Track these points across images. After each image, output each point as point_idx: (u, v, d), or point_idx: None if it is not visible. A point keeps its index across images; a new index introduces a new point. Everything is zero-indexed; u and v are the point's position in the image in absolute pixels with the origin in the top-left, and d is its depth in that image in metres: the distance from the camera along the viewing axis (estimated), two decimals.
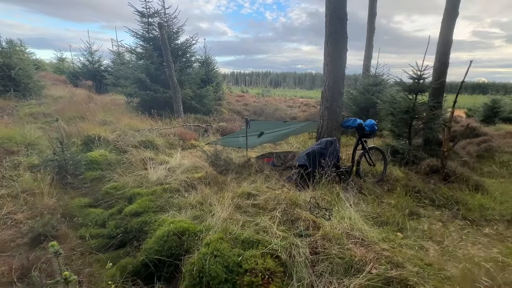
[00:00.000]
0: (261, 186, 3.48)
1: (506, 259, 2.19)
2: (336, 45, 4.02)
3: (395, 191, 4.01)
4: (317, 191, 3.31)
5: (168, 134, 5.59)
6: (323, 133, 4.39)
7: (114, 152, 4.63)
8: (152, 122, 6.46)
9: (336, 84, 4.15)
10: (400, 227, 2.89)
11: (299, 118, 10.04)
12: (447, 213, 3.58)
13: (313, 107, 17.97)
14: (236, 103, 15.05)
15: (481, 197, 3.88)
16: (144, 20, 8.22)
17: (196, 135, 6.03)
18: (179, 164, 4.21)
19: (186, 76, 8.77)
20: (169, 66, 7.17)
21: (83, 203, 3.18)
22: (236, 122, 7.42)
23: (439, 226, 3.06)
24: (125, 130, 5.46)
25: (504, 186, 4.59)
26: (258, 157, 4.96)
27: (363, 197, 3.60)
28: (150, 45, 7.91)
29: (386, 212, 3.11)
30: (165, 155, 4.70)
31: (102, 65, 15.70)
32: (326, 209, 2.95)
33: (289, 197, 3.03)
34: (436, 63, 5.42)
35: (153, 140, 5.04)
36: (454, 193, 4.00)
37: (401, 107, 5.21)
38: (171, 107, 8.17)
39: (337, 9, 3.90)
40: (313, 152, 3.66)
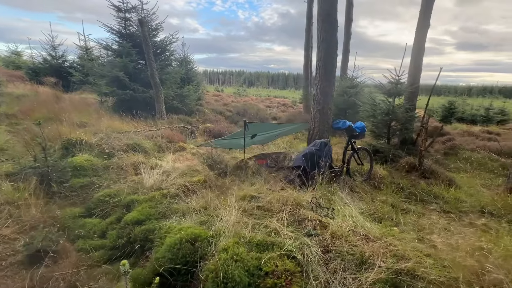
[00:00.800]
0: (262, 188, 3.53)
1: (490, 246, 2.50)
2: (328, 50, 4.20)
3: (382, 188, 4.33)
4: (317, 191, 3.44)
5: (155, 137, 5.37)
6: (315, 134, 4.56)
7: (99, 157, 4.34)
8: (135, 124, 6.15)
9: (327, 88, 4.33)
10: (395, 222, 3.13)
11: (280, 118, 10.24)
12: (428, 207, 3.95)
13: (291, 107, 18.42)
14: (215, 102, 14.86)
15: (455, 191, 4.33)
16: (120, 15, 7.77)
17: (184, 137, 5.87)
18: (173, 168, 4.09)
19: (166, 75, 8.47)
20: (150, 64, 6.87)
21: (76, 213, 2.96)
22: (222, 123, 7.36)
23: (426, 219, 3.37)
24: (107, 132, 5.14)
25: (469, 180, 5.16)
26: (251, 158, 4.99)
27: (356, 195, 3.82)
28: (128, 41, 7.49)
29: (380, 209, 3.35)
30: (155, 158, 4.52)
31: (67, 61, 14.49)
32: (327, 208, 3.09)
33: (294, 198, 3.12)
34: (411, 69, 5.90)
35: (140, 143, 4.82)
36: (432, 188, 4.43)
37: (382, 109, 5.59)
38: (152, 108, 7.85)
39: (330, 16, 4.08)
40: (310, 153, 3.80)
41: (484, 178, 5.41)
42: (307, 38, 10.48)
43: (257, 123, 4.67)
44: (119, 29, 7.86)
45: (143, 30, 6.58)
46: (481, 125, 15.48)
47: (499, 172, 5.78)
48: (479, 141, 9.15)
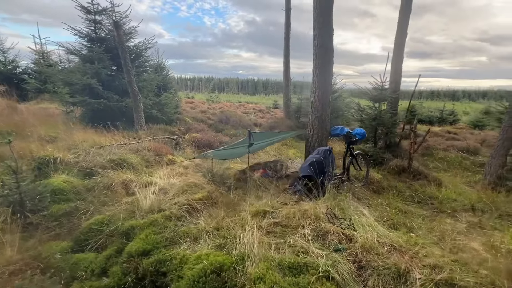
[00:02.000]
0: (272, 202, 3.34)
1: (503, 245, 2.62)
2: (325, 57, 4.20)
3: (382, 193, 4.41)
4: (327, 201, 3.35)
5: (140, 150, 4.89)
6: (314, 142, 4.51)
7: (79, 177, 3.79)
8: (114, 136, 5.56)
9: (325, 95, 4.33)
10: (408, 228, 3.15)
11: (263, 125, 10.16)
12: (426, 208, 4.10)
13: (267, 113, 18.49)
14: (191, 110, 14.31)
15: (445, 191, 4.57)
16: (90, 18, 7.08)
17: (171, 149, 5.45)
18: (169, 185, 3.72)
19: (142, 82, 7.89)
20: (128, 71, 6.33)
21: (63, 248, 2.47)
22: (208, 132, 7.02)
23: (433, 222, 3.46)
24: (84, 147, 4.55)
25: (451, 179, 5.53)
26: (249, 168, 4.77)
27: (363, 201, 3.82)
28: (100, 46, 6.84)
29: (391, 215, 3.36)
30: (146, 174, 4.08)
31: (19, 67, 12.90)
32: (344, 219, 3.01)
33: (309, 211, 2.99)
34: (392, 76, 6.23)
35: (126, 158, 4.33)
36: (425, 189, 4.63)
37: (369, 114, 5.77)
38: (129, 118, 7.22)
39: (326, 24, 4.09)
40: (316, 162, 3.71)
41: (462, 176, 5.85)
42: (286, 45, 10.62)
43: (259, 132, 4.49)
44: (89, 32, 7.15)
45: (119, 34, 6.05)
46: (437, 125, 17.09)
47: (472, 169, 6.31)
48: (445, 140, 10.01)
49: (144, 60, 8.72)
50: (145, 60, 8.80)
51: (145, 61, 8.75)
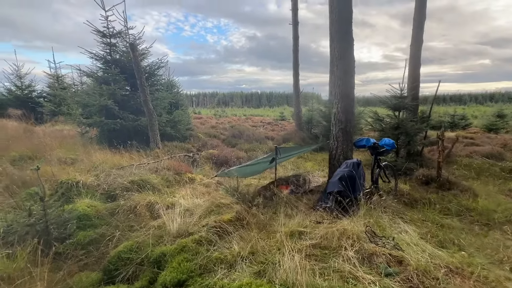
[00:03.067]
0: (305, 221, 3.16)
1: None
2: (347, 68, 4.12)
3: (415, 206, 4.17)
4: (365, 218, 3.14)
5: (160, 169, 4.80)
6: (338, 154, 4.35)
7: (101, 200, 3.70)
8: (132, 156, 5.51)
9: (348, 106, 4.21)
10: (457, 245, 2.91)
11: (276, 138, 10.05)
12: (465, 221, 3.83)
13: (276, 125, 18.45)
14: (201, 125, 14.37)
15: (483, 202, 4.29)
16: (105, 41, 7.26)
17: (190, 167, 5.35)
18: (194, 205, 3.58)
19: (156, 100, 7.95)
20: (143, 90, 6.38)
21: (93, 280, 2.33)
22: (223, 147, 6.92)
23: (474, 236, 3.21)
24: (104, 169, 4.48)
25: (484, 188, 5.22)
26: (268, 186, 4.60)
27: (396, 216, 3.59)
28: (116, 68, 6.96)
29: (435, 231, 3.13)
30: (168, 195, 3.96)
31: (35, 91, 13.28)
32: (386, 238, 2.80)
33: (347, 230, 2.79)
34: (410, 84, 6.10)
35: (147, 179, 4.23)
36: (460, 200, 4.37)
37: (390, 123, 5.60)
38: (143, 136, 7.23)
39: (347, 34, 4.04)
40: (348, 176, 3.54)
41: (494, 184, 5.54)
42: (295, 58, 10.69)
43: (284, 147, 4.37)
44: (104, 55, 7.31)
45: (135, 55, 6.14)
46: (450, 130, 16.66)
47: (502, 176, 5.99)
48: (464, 146, 9.67)
49: (156, 79, 8.85)
50: (158, 79, 8.94)
51: (157, 80, 8.88)
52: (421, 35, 5.96)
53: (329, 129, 9.97)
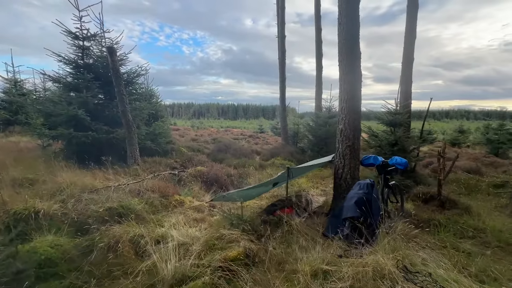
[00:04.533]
0: (324, 254, 2.72)
1: None
2: (354, 83, 3.90)
3: (426, 228, 3.94)
4: (388, 248, 2.79)
5: (143, 191, 4.10)
6: (345, 173, 4.04)
7: (69, 235, 2.94)
8: (108, 175, 4.73)
9: (356, 122, 3.96)
10: (492, 277, 2.65)
11: (263, 153, 9.64)
12: (478, 244, 3.66)
13: (258, 138, 18.14)
14: (181, 138, 13.54)
15: (490, 222, 4.20)
16: (77, 43, 6.46)
17: (177, 188, 4.70)
18: (189, 237, 2.98)
19: (135, 111, 7.19)
20: (122, 100, 5.66)
21: None
22: (214, 164, 6.33)
23: (494, 261, 3.00)
24: (73, 193, 3.70)
25: (481, 205, 5.23)
26: (269, 209, 4.13)
27: (415, 243, 3.30)
28: (89, 74, 6.16)
29: (462, 260, 2.86)
30: (155, 225, 3.30)
31: None
32: (421, 274, 2.45)
33: (377, 266, 2.40)
34: (403, 101, 6.12)
35: (128, 205, 3.53)
36: (466, 220, 4.24)
37: (387, 140, 5.49)
38: (119, 151, 6.40)
39: (354, 48, 3.84)
40: (363, 199, 3.20)
41: (485, 200, 5.61)
42: (281, 71, 10.56)
43: (296, 167, 3.94)
44: (75, 59, 6.47)
45: (114, 60, 5.45)
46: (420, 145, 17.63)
47: (491, 192, 6.13)
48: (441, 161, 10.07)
49: (135, 88, 8.09)
50: (137, 87, 8.18)
51: (136, 88, 8.13)
52: (412, 54, 6.08)
53: (317, 144, 9.82)
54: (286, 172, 3.29)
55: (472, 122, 49.73)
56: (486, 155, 12.20)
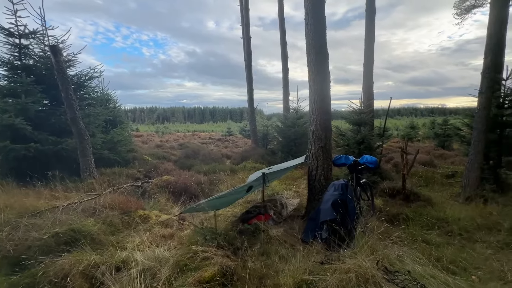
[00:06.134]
0: (306, 263, 2.59)
1: None
2: (324, 83, 3.89)
3: (395, 223, 4.07)
4: (366, 249, 2.77)
5: (99, 209, 3.60)
6: (319, 175, 4.01)
7: (4, 272, 2.40)
8: (55, 194, 4.08)
9: (327, 122, 3.95)
10: (461, 267, 2.77)
11: (233, 157, 9.39)
12: (443, 234, 3.88)
13: (227, 142, 17.81)
14: (144, 145, 12.64)
15: (449, 211, 4.50)
16: (12, 41, 5.57)
17: (141, 202, 4.24)
18: (157, 260, 2.63)
19: (88, 118, 6.45)
20: (71, 105, 4.98)
21: None
22: (182, 172, 5.91)
23: (459, 250, 3.18)
24: (9, 218, 3.07)
25: (439, 196, 5.63)
26: (244, 218, 3.91)
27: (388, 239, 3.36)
28: (29, 76, 5.34)
29: (434, 253, 2.96)
30: (115, 248, 2.87)
31: None
32: (400, 272, 2.45)
33: (359, 270, 2.34)
34: (366, 100, 6.39)
35: (81, 227, 3.03)
36: (429, 211, 4.50)
37: (355, 138, 5.66)
38: (69, 164, 5.64)
39: (322, 48, 3.83)
40: (338, 201, 3.16)
41: (441, 191, 6.09)
42: (248, 73, 10.42)
43: (272, 171, 3.76)
44: (10, 59, 5.56)
45: (58, 61, 4.76)
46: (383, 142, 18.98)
47: (445, 182, 6.69)
48: (398, 155, 10.86)
49: (87, 92, 7.28)
50: (89, 91, 7.36)
51: (89, 92, 7.31)
52: (372, 56, 6.39)
53: (286, 145, 9.86)
54: (262, 179, 3.11)
55: (419, 118, 55.33)
56: (435, 148, 13.51)
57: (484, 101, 5.04)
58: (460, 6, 13.76)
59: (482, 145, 5.17)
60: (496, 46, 4.99)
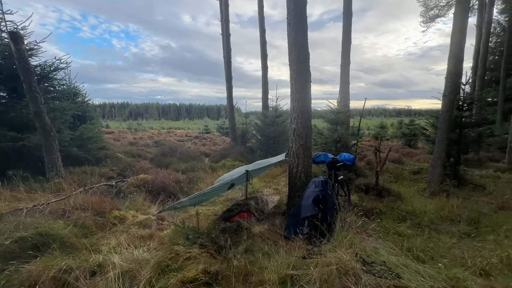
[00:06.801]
0: (289, 259, 2.64)
1: None
2: (304, 82, 3.97)
3: (369, 216, 4.30)
4: (345, 242, 2.89)
5: (70, 210, 3.35)
6: (300, 172, 4.10)
7: None
8: (16, 195, 3.73)
9: (308, 121, 4.05)
10: (429, 256, 2.99)
11: (212, 154, 9.25)
12: (411, 226, 4.18)
13: (204, 139, 17.49)
14: (116, 142, 11.99)
15: (417, 205, 4.85)
16: None
17: (115, 202, 4.02)
18: (136, 262, 2.52)
19: (54, 112, 5.97)
20: (34, 98, 4.56)
21: None
22: (159, 171, 5.70)
23: (426, 241, 3.45)
24: None
25: (407, 191, 6.04)
26: (226, 216, 3.88)
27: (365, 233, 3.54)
28: None
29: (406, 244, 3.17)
30: (89, 251, 2.70)
31: None
32: (377, 263, 2.60)
33: (340, 263, 2.44)
34: (342, 100, 6.64)
35: (49, 231, 2.81)
36: (400, 205, 4.81)
37: (332, 137, 5.86)
38: (33, 162, 5.19)
39: (303, 48, 3.91)
40: (319, 197, 3.26)
41: (408, 186, 6.53)
42: (227, 70, 10.29)
43: (254, 168, 3.74)
44: None
45: (19, 49, 4.32)
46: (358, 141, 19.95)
47: (412, 178, 7.19)
48: (372, 153, 11.48)
49: (52, 85, 6.72)
50: (55, 84, 6.80)
51: (54, 85, 6.76)
52: (348, 57, 6.64)
53: (265, 143, 9.93)
54: (246, 176, 3.11)
55: (388, 119, 58.99)
56: (403, 146, 14.47)
57: (447, 103, 5.48)
58: (425, 15, 14.81)
59: (445, 144, 5.63)
60: (458, 53, 5.44)
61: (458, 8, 5.32)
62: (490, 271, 2.64)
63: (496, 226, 3.89)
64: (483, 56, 11.23)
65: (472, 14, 13.95)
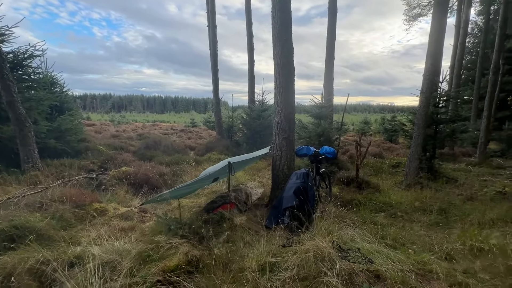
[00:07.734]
0: (269, 246, 2.72)
1: None
2: (288, 76, 4.03)
3: (349, 207, 4.48)
4: (323, 231, 3.02)
5: (47, 203, 3.26)
6: (282, 164, 4.19)
7: None
8: None
9: (291, 115, 4.12)
10: (400, 243, 3.18)
11: (198, 148, 9.19)
12: (387, 216, 4.40)
13: (190, 133, 17.29)
14: (97, 135, 11.62)
15: (393, 196, 5.10)
16: None
17: (96, 194, 3.95)
18: (117, 253, 2.52)
19: (29, 102, 5.71)
20: (7, 87, 4.34)
21: None
22: (143, 164, 5.61)
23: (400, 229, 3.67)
24: None
25: (385, 183, 6.32)
26: (209, 207, 3.93)
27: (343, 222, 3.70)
28: None
29: (381, 232, 3.35)
30: (68, 243, 2.66)
31: None
32: (352, 250, 2.74)
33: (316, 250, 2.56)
34: (326, 96, 6.77)
35: (25, 223, 2.74)
36: (378, 197, 5.04)
37: (316, 131, 6.00)
38: (7, 154, 4.97)
39: (287, 42, 3.95)
40: (300, 188, 3.36)
41: (387, 179, 6.83)
42: (213, 62, 10.15)
43: (237, 161, 3.77)
44: None
45: None
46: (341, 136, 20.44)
47: (390, 172, 7.51)
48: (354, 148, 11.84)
49: (27, 73, 6.40)
50: (29, 72, 6.47)
51: (29, 73, 6.43)
52: (333, 53, 6.76)
53: (252, 137, 9.97)
54: (228, 168, 3.15)
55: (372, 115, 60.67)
56: (384, 141, 14.99)
57: (424, 100, 5.74)
58: (409, 13, 15.22)
59: (421, 139, 5.91)
60: (435, 52, 5.68)
61: (436, 8, 5.53)
62: (454, 256, 2.85)
63: (464, 215, 4.17)
64: (459, 55, 11.74)
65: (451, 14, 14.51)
